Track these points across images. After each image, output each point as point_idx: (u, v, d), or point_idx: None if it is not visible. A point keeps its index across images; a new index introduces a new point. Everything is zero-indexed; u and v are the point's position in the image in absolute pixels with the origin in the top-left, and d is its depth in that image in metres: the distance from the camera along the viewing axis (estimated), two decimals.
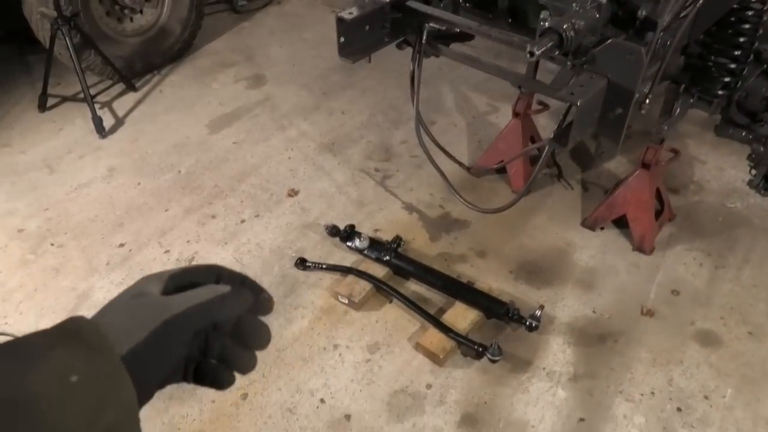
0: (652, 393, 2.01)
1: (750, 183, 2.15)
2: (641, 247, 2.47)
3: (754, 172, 2.13)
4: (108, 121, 3.26)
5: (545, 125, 2.97)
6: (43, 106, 3.37)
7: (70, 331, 0.44)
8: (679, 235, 2.57)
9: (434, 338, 2.11)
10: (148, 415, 1.86)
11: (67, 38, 3.05)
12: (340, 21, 1.88)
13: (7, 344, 0.42)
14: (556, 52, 1.51)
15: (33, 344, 0.42)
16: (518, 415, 1.95)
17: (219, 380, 0.60)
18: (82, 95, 3.18)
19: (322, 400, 1.99)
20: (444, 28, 2.03)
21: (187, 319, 0.54)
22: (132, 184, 2.89)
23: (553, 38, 1.49)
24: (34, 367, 0.40)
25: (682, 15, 1.59)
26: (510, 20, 1.84)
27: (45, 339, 0.42)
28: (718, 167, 2.93)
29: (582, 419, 1.94)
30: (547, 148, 1.77)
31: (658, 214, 2.53)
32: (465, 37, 2.21)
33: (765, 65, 1.92)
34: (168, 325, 0.52)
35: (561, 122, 1.62)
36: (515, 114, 2.67)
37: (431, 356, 2.09)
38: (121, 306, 0.53)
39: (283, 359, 2.10)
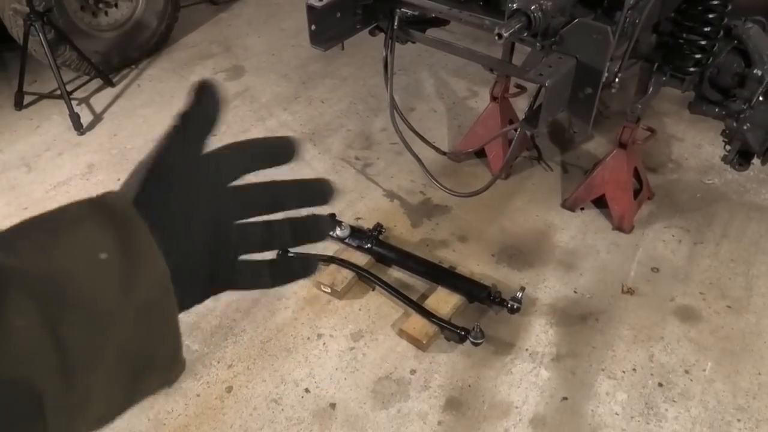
0: (634, 369, 2.03)
1: (724, 159, 2.16)
2: (621, 226, 2.49)
3: (728, 148, 2.14)
4: (86, 118, 3.23)
5: (524, 108, 2.96)
6: (19, 104, 3.33)
7: (102, 204, 0.41)
8: (658, 213, 2.59)
9: (417, 324, 2.12)
10: (132, 411, 1.86)
11: (40, 34, 3.01)
12: (310, 9, 1.87)
13: (36, 217, 0.40)
14: (525, 34, 1.51)
15: (62, 217, 0.40)
16: (502, 397, 1.97)
17: (306, 265, 0.53)
18: (58, 92, 3.15)
19: (306, 390, 2.00)
20: (416, 13, 2.02)
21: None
22: (111, 180, 2.87)
23: (522, 20, 1.49)
24: (62, 242, 0.38)
25: None
26: (482, 3, 1.83)
27: (74, 211, 0.40)
28: (695, 144, 2.95)
29: (565, 398, 1.96)
30: (518, 130, 1.78)
31: (637, 193, 2.55)
32: (440, 22, 2.21)
33: (735, 41, 1.93)
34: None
35: (531, 104, 1.63)
36: (493, 98, 2.68)
37: (415, 342, 2.10)
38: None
39: (267, 350, 2.10)
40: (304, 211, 0.52)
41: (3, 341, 0.33)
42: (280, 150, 0.52)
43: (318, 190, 0.53)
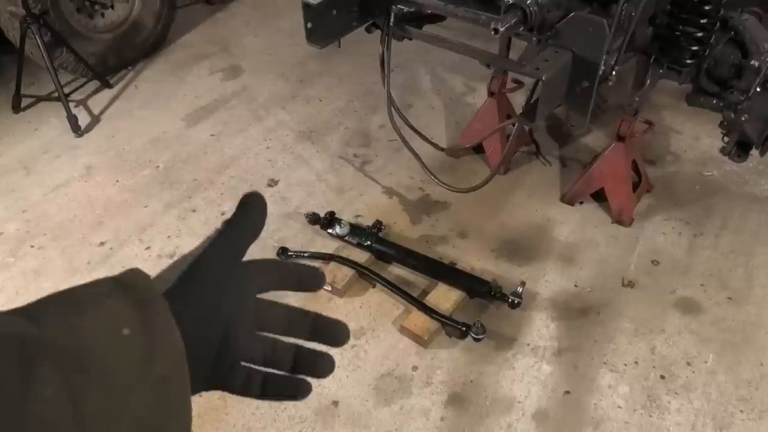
0: (636, 362, 2.03)
1: (723, 150, 2.16)
2: (620, 220, 2.49)
3: (726, 139, 2.14)
4: (83, 119, 3.23)
5: (522, 103, 2.96)
6: (17, 107, 3.33)
7: (124, 281, 0.43)
8: (658, 206, 2.59)
9: (418, 320, 2.12)
10: None
11: (37, 37, 3.01)
12: (306, 6, 1.86)
13: (64, 292, 0.41)
14: (521, 28, 1.51)
15: (88, 293, 0.41)
16: (504, 392, 1.97)
17: (297, 388, 0.56)
18: (56, 94, 3.15)
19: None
20: (412, 9, 2.02)
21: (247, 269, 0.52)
22: (110, 182, 2.87)
23: (517, 14, 1.49)
24: (88, 317, 0.39)
25: None
26: None
27: (100, 288, 0.42)
28: (693, 137, 2.95)
29: (567, 392, 1.97)
30: (516, 125, 1.77)
31: (636, 185, 2.55)
32: (436, 18, 2.20)
33: (731, 32, 1.92)
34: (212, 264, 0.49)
35: (529, 98, 1.63)
36: (490, 93, 2.67)
37: (416, 338, 2.10)
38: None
39: None
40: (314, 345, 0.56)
41: (31, 409, 0.35)
42: (312, 278, 0.57)
43: (334, 332, 0.57)
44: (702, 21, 1.86)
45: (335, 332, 0.58)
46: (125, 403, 0.39)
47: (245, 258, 0.53)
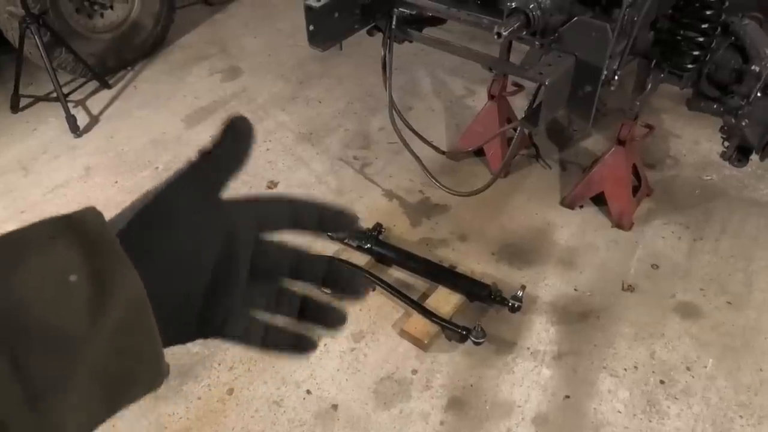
0: (635, 367, 2.03)
1: (723, 155, 2.17)
2: (620, 224, 2.49)
3: (726, 144, 2.14)
4: (82, 120, 3.22)
5: (522, 106, 2.96)
6: (15, 107, 3.32)
7: (73, 220, 0.39)
8: (657, 210, 2.59)
9: (418, 324, 2.11)
10: (134, 414, 1.86)
11: (36, 37, 3.00)
12: (308, 9, 1.86)
13: (3, 236, 0.37)
14: (524, 32, 1.51)
15: (30, 237, 0.37)
16: (504, 396, 1.97)
17: (302, 343, 0.51)
18: (55, 94, 3.13)
19: (308, 392, 1.99)
20: (414, 12, 2.02)
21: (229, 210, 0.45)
22: (109, 183, 2.86)
23: (520, 18, 1.49)
24: (28, 266, 0.36)
25: None
26: (480, 2, 1.82)
27: (43, 230, 0.37)
28: (693, 141, 2.95)
29: (567, 396, 1.96)
30: (518, 129, 1.77)
31: (636, 189, 2.55)
32: (437, 21, 2.20)
33: (732, 37, 1.93)
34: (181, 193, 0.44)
35: (531, 102, 1.63)
36: (491, 96, 2.67)
37: (416, 342, 2.10)
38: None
39: None
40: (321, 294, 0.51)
41: None
42: (339, 218, 0.51)
43: (349, 280, 0.52)
44: (703, 26, 1.86)
45: (351, 279, 0.52)
46: (79, 355, 0.36)
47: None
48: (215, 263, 0.45)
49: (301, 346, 0.51)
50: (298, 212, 0.49)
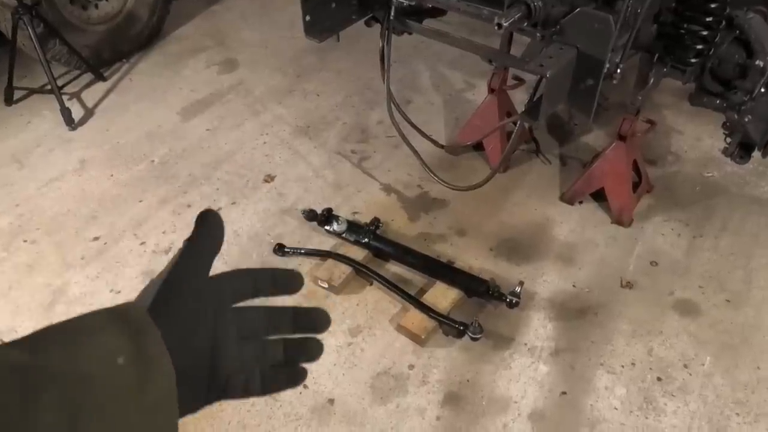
0: (633, 364, 2.02)
1: (725, 151, 2.14)
2: (620, 220, 2.47)
3: (729, 140, 2.12)
4: (77, 113, 3.19)
5: (522, 99, 2.94)
6: (9, 100, 3.29)
7: (118, 312, 0.45)
8: (657, 206, 2.57)
9: (415, 319, 2.10)
10: None
11: (29, 28, 2.96)
12: None
13: (63, 323, 0.44)
14: (525, 24, 1.48)
15: (85, 324, 0.44)
16: (501, 392, 1.95)
17: (294, 376, 0.59)
18: (49, 87, 3.10)
19: (305, 386, 1.97)
20: (413, 2, 1.99)
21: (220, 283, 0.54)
22: (104, 176, 2.83)
23: (521, 9, 1.47)
24: (85, 347, 0.42)
25: None
26: None
27: (95, 319, 0.44)
28: (695, 137, 2.93)
29: (564, 393, 1.95)
30: (518, 123, 1.75)
31: (636, 185, 2.53)
32: (437, 12, 2.17)
33: (737, 31, 1.90)
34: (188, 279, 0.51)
35: (532, 96, 1.60)
36: (491, 90, 2.65)
37: (413, 337, 2.08)
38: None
39: None
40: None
41: None
42: (288, 280, 0.59)
43: (315, 320, 0.60)
44: (707, 19, 1.84)
45: (315, 319, 0.60)
46: (119, 429, 0.41)
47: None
48: (214, 330, 0.53)
49: (295, 378, 0.60)
50: (256, 281, 0.58)
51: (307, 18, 1.81)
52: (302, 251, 2.37)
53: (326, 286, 2.23)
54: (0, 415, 0.37)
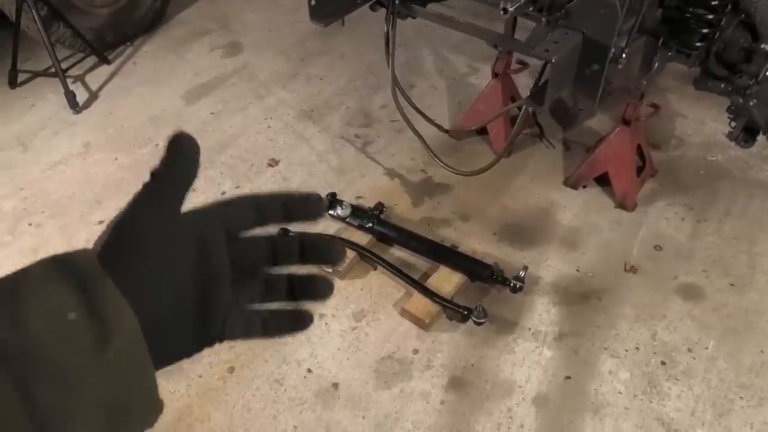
0: (637, 348, 2.03)
1: (729, 135, 2.14)
2: (623, 204, 2.47)
3: (733, 124, 2.12)
4: (81, 96, 3.19)
5: (526, 84, 2.92)
6: (13, 83, 3.28)
7: (62, 260, 0.41)
8: (661, 191, 2.57)
9: (419, 303, 2.11)
10: None
11: (33, 11, 2.94)
12: None
13: (2, 279, 0.40)
14: (530, 9, 1.47)
15: (27, 279, 0.40)
16: (505, 376, 1.97)
17: (299, 318, 0.53)
18: (53, 70, 3.09)
19: (309, 370, 1.99)
20: None
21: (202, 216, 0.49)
22: (109, 160, 2.84)
23: None
24: (29, 306, 0.38)
25: None
26: None
27: (38, 271, 0.40)
28: (698, 121, 2.92)
29: (568, 377, 1.96)
30: (523, 108, 1.74)
31: (640, 170, 2.53)
32: None
33: (743, 15, 1.89)
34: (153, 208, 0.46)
35: (537, 80, 1.60)
36: (494, 74, 2.63)
37: (417, 321, 2.10)
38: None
39: None
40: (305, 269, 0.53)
41: None
42: (303, 206, 0.53)
43: (326, 250, 0.54)
44: (713, 2, 1.82)
45: (327, 249, 0.54)
46: (81, 388, 0.38)
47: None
48: (195, 271, 0.48)
49: (301, 322, 0.54)
50: (261, 207, 0.52)
51: (313, 2, 1.81)
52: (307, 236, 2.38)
53: (330, 270, 2.24)
54: None
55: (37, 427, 0.36)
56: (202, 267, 0.48)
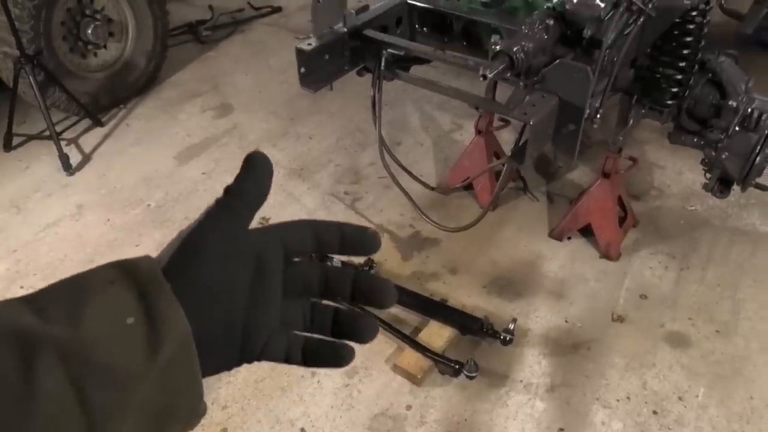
0: (628, 398, 2.05)
1: (705, 186, 2.22)
2: (608, 254, 2.53)
3: (708, 176, 2.20)
4: (75, 158, 3.24)
5: (509, 140, 3.03)
6: (8, 146, 3.33)
7: (128, 267, 0.43)
8: (644, 240, 2.63)
9: (411, 359, 2.12)
10: None
11: (30, 77, 3.03)
12: (300, 52, 1.91)
13: (69, 279, 0.42)
14: (508, 74, 1.56)
15: (92, 281, 0.42)
16: (499, 430, 1.97)
17: (341, 353, 0.52)
18: (47, 133, 3.16)
19: (302, 429, 1.99)
20: (402, 53, 2.07)
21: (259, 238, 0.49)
22: (101, 221, 2.87)
23: (504, 61, 1.54)
24: (91, 307, 0.40)
25: (625, 32, 1.66)
26: (465, 43, 1.89)
27: (104, 275, 0.42)
28: (676, 171, 3.02)
29: (561, 429, 1.97)
30: (505, 166, 1.82)
31: (622, 220, 2.60)
32: (424, 60, 2.26)
33: (710, 74, 2.00)
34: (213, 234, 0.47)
35: (517, 140, 1.67)
36: (478, 131, 2.73)
37: (409, 377, 2.11)
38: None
39: (261, 390, 2.09)
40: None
41: (36, 401, 0.36)
42: (359, 238, 0.52)
43: (378, 291, 0.52)
44: (681, 64, 1.93)
45: (380, 291, 0.52)
46: (132, 391, 0.40)
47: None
48: (250, 289, 0.48)
49: (341, 358, 0.53)
50: (319, 235, 0.52)
51: (302, 70, 1.89)
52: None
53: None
54: None
55: (88, 425, 0.38)
56: (257, 286, 0.49)
